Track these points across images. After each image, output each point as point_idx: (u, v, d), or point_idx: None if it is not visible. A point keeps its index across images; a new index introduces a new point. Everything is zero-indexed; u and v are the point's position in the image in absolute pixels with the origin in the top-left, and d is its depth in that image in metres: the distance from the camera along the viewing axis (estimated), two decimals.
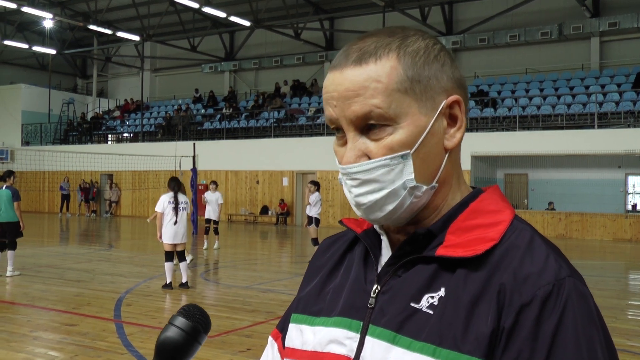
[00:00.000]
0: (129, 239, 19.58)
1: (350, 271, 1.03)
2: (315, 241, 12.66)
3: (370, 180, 0.91)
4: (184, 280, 9.50)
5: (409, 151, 0.91)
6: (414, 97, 0.91)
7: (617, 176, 20.91)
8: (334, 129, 0.96)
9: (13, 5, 24.28)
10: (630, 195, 21.11)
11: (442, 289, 0.89)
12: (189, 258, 11.36)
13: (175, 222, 9.30)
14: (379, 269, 0.98)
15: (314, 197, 12.43)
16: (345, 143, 0.94)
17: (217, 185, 15.17)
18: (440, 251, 0.91)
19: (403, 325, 0.89)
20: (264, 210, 24.89)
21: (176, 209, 9.33)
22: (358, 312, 0.95)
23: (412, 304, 0.90)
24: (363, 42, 0.94)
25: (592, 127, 19.59)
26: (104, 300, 8.58)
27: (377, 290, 0.95)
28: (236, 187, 25.50)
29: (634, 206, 20.85)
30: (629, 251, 16.61)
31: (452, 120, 0.95)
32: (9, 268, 10.54)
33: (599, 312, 0.87)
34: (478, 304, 0.86)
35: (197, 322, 1.01)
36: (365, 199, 0.92)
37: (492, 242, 0.89)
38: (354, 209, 0.96)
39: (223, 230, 15.73)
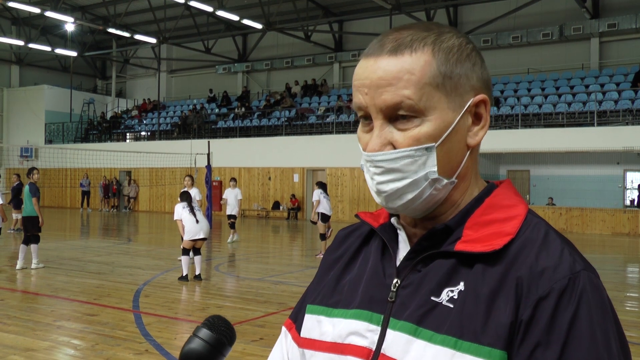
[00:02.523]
0: (146, 233, 19.81)
1: (367, 264, 1.02)
2: (322, 236, 12.87)
3: (393, 169, 0.91)
4: (197, 273, 9.87)
5: (434, 144, 0.91)
6: (444, 93, 0.91)
7: (616, 172, 21.19)
8: (361, 117, 0.95)
9: (37, 10, 25.03)
10: (628, 191, 21.36)
11: (462, 283, 0.89)
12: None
13: (197, 221, 9.87)
14: (398, 263, 0.98)
15: (314, 193, 12.69)
16: (370, 130, 0.94)
17: (236, 182, 15.69)
18: (459, 246, 0.91)
19: (424, 318, 0.89)
20: (276, 205, 25.30)
21: (193, 212, 9.94)
22: (378, 305, 0.95)
23: (432, 298, 0.90)
24: (399, 34, 0.93)
25: (592, 124, 19.81)
26: (123, 291, 8.74)
27: (397, 285, 0.95)
28: (249, 183, 25.87)
29: (632, 201, 21.11)
30: (627, 245, 16.80)
31: (477, 118, 0.95)
32: (34, 261, 10.78)
33: (612, 304, 0.87)
34: (496, 298, 0.86)
35: (222, 335, 0.99)
36: (387, 187, 0.93)
37: (509, 236, 0.90)
38: (374, 195, 0.96)
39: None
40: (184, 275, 9.78)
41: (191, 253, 9.98)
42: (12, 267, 10.95)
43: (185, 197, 10.22)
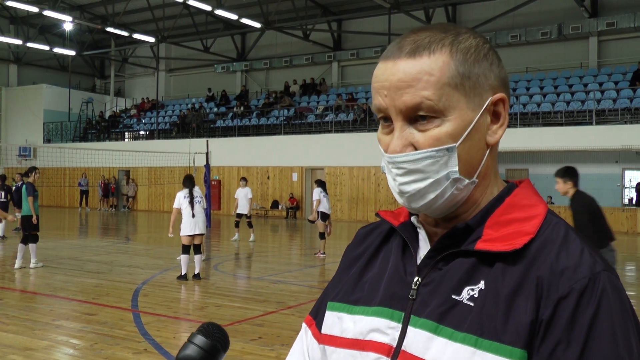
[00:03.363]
0: (145, 232, 19.84)
1: (388, 262, 1.03)
2: (321, 235, 12.93)
3: (415, 170, 0.92)
4: (196, 272, 9.79)
5: (454, 144, 0.91)
6: (463, 93, 0.92)
7: (614, 171, 21.23)
8: (380, 118, 0.97)
9: (35, 9, 25.12)
10: (626, 190, 21.39)
11: (482, 282, 0.90)
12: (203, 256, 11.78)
13: (193, 215, 9.70)
14: (419, 261, 0.99)
15: (314, 192, 12.75)
16: (390, 132, 0.95)
17: (246, 181, 15.78)
18: (480, 245, 0.92)
19: (445, 316, 0.90)
20: (275, 204, 25.35)
21: (192, 203, 9.72)
22: (399, 303, 0.96)
23: (453, 296, 0.91)
24: (417, 36, 0.94)
25: (590, 123, 19.84)
26: (122, 290, 8.75)
27: (418, 282, 0.96)
28: (248, 182, 26.07)
29: (631, 200, 21.13)
30: (626, 243, 16.78)
31: (496, 117, 0.96)
32: (33, 260, 10.78)
33: (631, 304, 0.88)
34: (517, 297, 0.87)
35: (216, 341, 1.02)
36: (409, 187, 0.93)
37: (529, 236, 0.91)
38: (397, 196, 0.97)
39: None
40: (182, 274, 9.72)
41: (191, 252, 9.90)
42: (12, 267, 10.94)
43: (189, 182, 9.92)
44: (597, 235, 5.94)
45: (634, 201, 20.97)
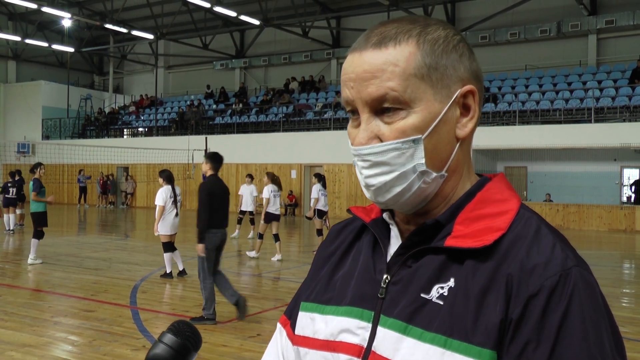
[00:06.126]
0: (144, 229, 19.64)
1: (359, 260, 1.01)
2: (319, 232, 12.97)
3: (381, 162, 0.91)
4: (181, 268, 9.67)
5: (420, 136, 0.89)
6: (429, 84, 0.90)
7: (613, 169, 21.27)
8: (350, 112, 0.95)
9: (34, 6, 25.02)
10: (625, 188, 21.40)
11: (452, 280, 0.88)
12: (277, 257, 11.73)
13: (177, 214, 9.56)
14: (388, 258, 0.96)
15: (314, 189, 12.72)
16: (359, 125, 0.94)
17: (252, 179, 15.68)
18: (449, 242, 0.90)
19: (414, 316, 0.88)
20: None
21: (176, 202, 9.58)
22: (368, 302, 0.94)
23: (422, 295, 0.89)
24: (384, 27, 0.93)
25: (589, 121, 19.84)
26: (120, 287, 8.78)
27: (387, 281, 0.94)
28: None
29: (629, 198, 21.12)
30: (624, 241, 16.87)
31: (466, 110, 0.94)
32: (31, 256, 10.86)
33: (605, 300, 0.86)
34: (487, 295, 0.84)
35: (187, 340, 1.00)
36: (375, 180, 0.92)
37: (500, 231, 0.88)
38: (364, 189, 0.95)
39: (232, 220, 16.11)
40: (168, 272, 9.58)
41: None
42: (10, 263, 10.96)
43: (169, 178, 9.65)
44: (216, 215, 6.94)
45: (632, 199, 20.97)
